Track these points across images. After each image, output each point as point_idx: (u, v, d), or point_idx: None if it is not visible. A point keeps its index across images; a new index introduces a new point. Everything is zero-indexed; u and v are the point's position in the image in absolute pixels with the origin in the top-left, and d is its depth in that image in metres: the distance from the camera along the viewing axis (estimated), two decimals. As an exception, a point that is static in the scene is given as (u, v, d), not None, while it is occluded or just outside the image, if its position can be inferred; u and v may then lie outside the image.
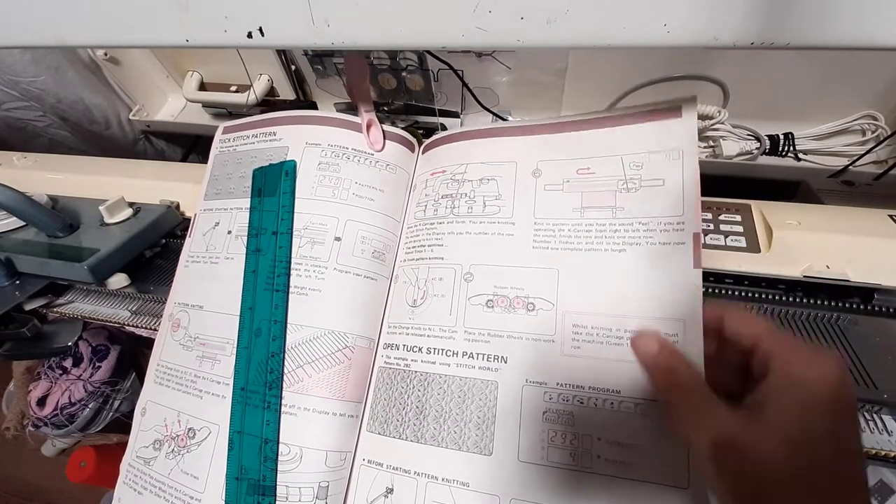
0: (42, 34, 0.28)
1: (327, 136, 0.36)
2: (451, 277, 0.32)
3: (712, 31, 0.21)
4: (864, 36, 0.20)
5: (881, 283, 0.33)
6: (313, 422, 0.30)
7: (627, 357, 0.25)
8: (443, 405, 0.29)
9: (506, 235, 0.31)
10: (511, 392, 0.28)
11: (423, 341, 0.31)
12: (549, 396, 0.27)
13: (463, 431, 0.28)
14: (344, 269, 0.33)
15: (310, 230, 0.34)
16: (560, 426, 0.26)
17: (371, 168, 0.36)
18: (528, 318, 0.29)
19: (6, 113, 0.72)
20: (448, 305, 0.31)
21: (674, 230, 0.27)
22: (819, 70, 0.55)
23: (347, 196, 0.35)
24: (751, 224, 0.38)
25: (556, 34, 0.22)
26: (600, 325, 0.27)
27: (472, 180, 0.34)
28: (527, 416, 0.27)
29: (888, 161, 0.56)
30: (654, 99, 0.29)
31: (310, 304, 0.32)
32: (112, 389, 0.75)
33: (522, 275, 0.30)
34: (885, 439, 0.32)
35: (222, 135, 0.41)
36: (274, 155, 0.37)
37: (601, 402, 0.26)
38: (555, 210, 0.31)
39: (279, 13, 0.24)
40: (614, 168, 0.29)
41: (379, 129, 0.36)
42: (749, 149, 0.58)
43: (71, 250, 0.43)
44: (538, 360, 0.28)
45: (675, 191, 0.27)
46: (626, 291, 0.27)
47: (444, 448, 0.28)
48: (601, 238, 0.29)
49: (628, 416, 0.25)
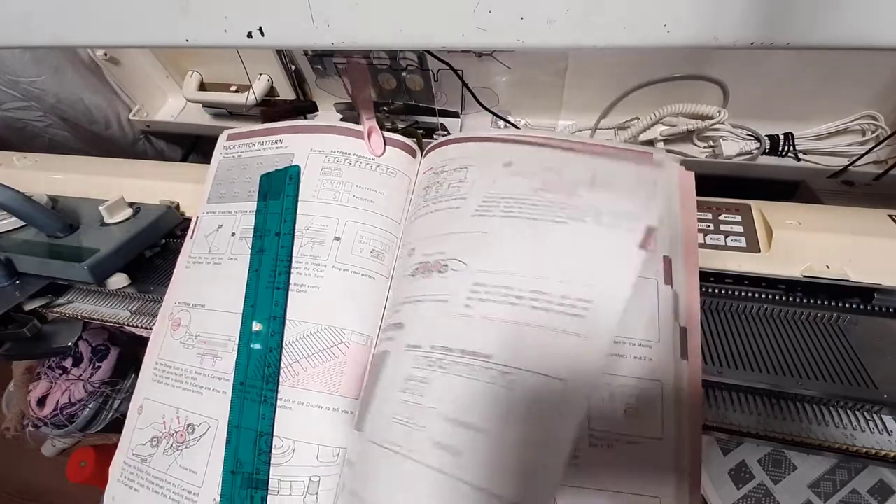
0: (42, 34, 0.28)
1: (331, 143, 0.37)
2: (403, 257, 0.33)
3: (712, 31, 0.21)
4: (864, 36, 0.20)
5: (881, 283, 0.33)
6: (306, 416, 0.30)
7: (520, 319, 0.27)
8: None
9: (453, 209, 0.32)
10: (398, 360, 0.29)
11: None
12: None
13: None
14: (342, 267, 0.34)
15: (311, 230, 0.35)
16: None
17: (371, 172, 0.37)
18: (436, 279, 0.30)
19: (6, 113, 0.72)
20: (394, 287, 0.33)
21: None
22: (819, 70, 0.55)
23: (348, 198, 0.36)
24: (751, 224, 0.38)
25: (556, 34, 0.22)
26: (502, 283, 0.29)
27: (447, 170, 0.35)
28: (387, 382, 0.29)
29: (888, 161, 0.56)
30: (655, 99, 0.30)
31: (308, 301, 0.33)
32: (112, 389, 0.75)
33: (451, 240, 0.31)
34: (885, 439, 0.32)
35: (227, 141, 0.42)
36: (280, 161, 0.38)
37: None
38: (511, 188, 0.32)
39: (279, 13, 0.24)
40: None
41: (380, 135, 0.37)
42: (749, 149, 0.58)
43: (71, 250, 0.43)
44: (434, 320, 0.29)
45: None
46: (554, 261, 0.29)
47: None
48: (546, 211, 0.30)
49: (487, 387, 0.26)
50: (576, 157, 0.32)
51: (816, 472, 0.42)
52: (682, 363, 0.27)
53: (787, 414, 0.34)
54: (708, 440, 0.43)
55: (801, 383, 0.32)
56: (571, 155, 0.32)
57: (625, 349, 0.28)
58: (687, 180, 0.31)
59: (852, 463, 0.42)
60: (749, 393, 0.35)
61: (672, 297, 0.29)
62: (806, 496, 0.42)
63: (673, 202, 0.31)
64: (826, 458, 0.42)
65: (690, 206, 0.31)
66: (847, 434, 0.32)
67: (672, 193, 0.31)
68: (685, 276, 0.29)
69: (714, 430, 0.34)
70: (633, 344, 0.28)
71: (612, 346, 0.27)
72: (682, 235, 0.30)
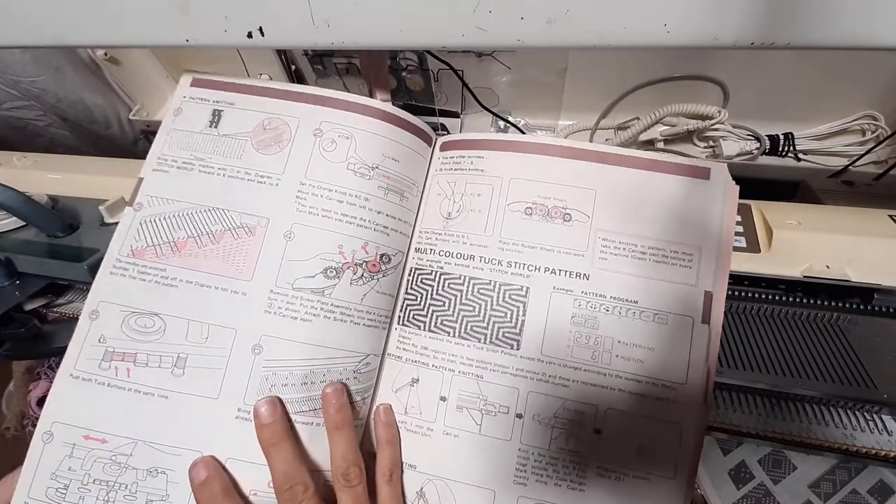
0: (42, 34, 0.28)
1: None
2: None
3: (712, 31, 0.21)
4: (864, 36, 0.20)
5: (881, 283, 0.33)
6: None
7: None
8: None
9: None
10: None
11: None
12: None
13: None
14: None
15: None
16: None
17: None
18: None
19: (6, 112, 0.72)
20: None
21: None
22: (819, 70, 0.55)
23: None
24: (751, 224, 0.38)
25: (556, 34, 0.22)
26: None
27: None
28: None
29: (888, 161, 0.56)
30: (655, 99, 0.29)
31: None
32: (112, 389, 0.75)
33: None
34: (885, 439, 0.32)
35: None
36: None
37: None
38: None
39: (279, 13, 0.24)
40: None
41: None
42: (749, 149, 0.58)
43: (71, 250, 0.43)
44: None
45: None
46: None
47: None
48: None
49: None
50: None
51: (816, 472, 0.42)
52: (704, 407, 0.27)
53: (787, 414, 0.34)
54: (708, 440, 0.43)
55: (801, 383, 0.32)
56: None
57: (648, 389, 0.27)
58: (733, 198, 0.29)
59: (852, 463, 0.42)
60: (749, 393, 0.35)
61: (707, 336, 0.27)
62: (806, 496, 0.42)
63: (724, 226, 0.29)
64: (826, 458, 0.42)
65: (731, 229, 0.29)
66: (847, 434, 0.32)
67: (724, 215, 0.29)
68: (718, 310, 0.28)
69: (714, 430, 0.34)
70: (657, 385, 0.27)
71: (635, 384, 0.27)
72: (722, 265, 0.28)
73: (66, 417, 0.28)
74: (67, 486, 0.27)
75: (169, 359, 0.28)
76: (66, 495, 0.27)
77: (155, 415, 0.28)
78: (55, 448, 0.27)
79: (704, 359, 0.27)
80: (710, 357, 0.27)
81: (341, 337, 0.29)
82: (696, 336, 0.27)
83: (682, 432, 0.26)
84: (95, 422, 0.27)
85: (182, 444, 0.27)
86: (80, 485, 0.27)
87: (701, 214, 0.29)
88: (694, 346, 0.27)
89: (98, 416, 0.28)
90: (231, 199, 0.31)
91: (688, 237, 0.29)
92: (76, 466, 0.27)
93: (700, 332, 0.27)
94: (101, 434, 0.27)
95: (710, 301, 0.28)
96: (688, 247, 0.29)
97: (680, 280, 0.28)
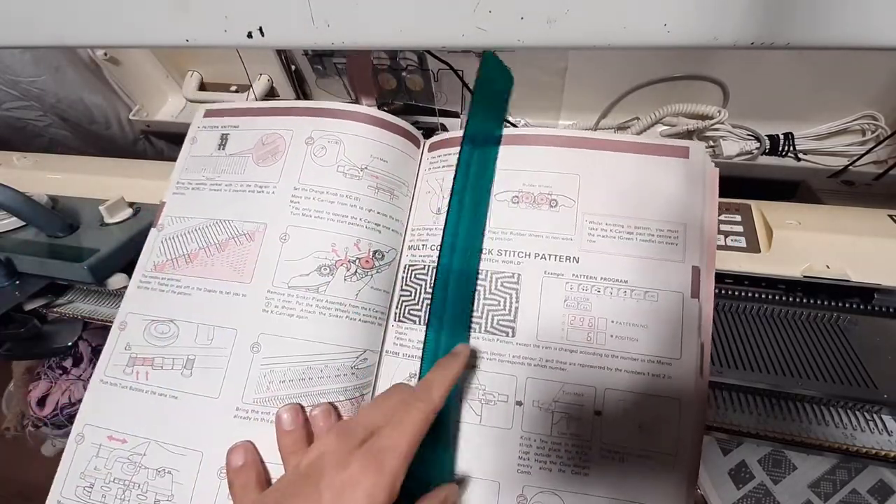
0: (42, 34, 0.28)
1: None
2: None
3: (712, 31, 0.21)
4: (864, 36, 0.20)
5: (881, 283, 0.33)
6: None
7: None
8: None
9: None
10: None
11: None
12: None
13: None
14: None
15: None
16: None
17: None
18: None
19: (6, 113, 0.72)
20: None
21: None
22: (819, 70, 0.55)
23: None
24: (751, 224, 0.38)
25: (556, 34, 0.22)
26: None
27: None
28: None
29: (888, 161, 0.56)
30: (655, 99, 0.30)
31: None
32: (112, 389, 0.75)
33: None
34: (885, 439, 0.32)
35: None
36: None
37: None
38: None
39: (279, 13, 0.24)
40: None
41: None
42: (749, 149, 0.58)
43: (71, 250, 0.43)
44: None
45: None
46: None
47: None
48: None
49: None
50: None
51: (816, 472, 0.42)
52: (700, 380, 0.27)
53: (787, 414, 0.34)
54: (708, 440, 0.43)
55: (801, 383, 0.32)
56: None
57: (644, 366, 0.27)
58: (714, 178, 0.30)
59: (852, 463, 0.42)
60: (749, 393, 0.35)
61: (697, 311, 0.28)
62: (806, 496, 0.42)
63: (706, 203, 0.30)
64: (826, 458, 0.42)
65: (714, 208, 0.30)
66: (847, 434, 0.32)
67: (706, 193, 0.30)
68: (707, 286, 0.28)
69: (714, 430, 0.34)
70: (653, 361, 0.27)
71: (631, 363, 0.27)
72: (707, 241, 0.29)
73: (95, 420, 0.30)
74: (93, 486, 0.28)
75: (180, 360, 0.30)
76: (91, 493, 0.28)
77: (167, 415, 0.29)
78: (85, 449, 0.29)
79: (697, 333, 0.27)
80: (703, 331, 0.28)
81: (337, 332, 0.30)
82: (686, 311, 0.28)
83: (681, 407, 0.27)
84: (118, 423, 0.29)
85: (186, 443, 0.28)
86: (103, 483, 0.28)
87: (683, 192, 0.30)
88: (686, 322, 0.28)
89: (121, 417, 0.29)
90: (234, 210, 0.33)
91: (672, 215, 0.29)
92: (101, 466, 0.29)
93: (690, 307, 0.28)
94: (123, 434, 0.29)
95: (699, 276, 0.28)
96: (673, 224, 0.29)
97: (667, 257, 0.29)
